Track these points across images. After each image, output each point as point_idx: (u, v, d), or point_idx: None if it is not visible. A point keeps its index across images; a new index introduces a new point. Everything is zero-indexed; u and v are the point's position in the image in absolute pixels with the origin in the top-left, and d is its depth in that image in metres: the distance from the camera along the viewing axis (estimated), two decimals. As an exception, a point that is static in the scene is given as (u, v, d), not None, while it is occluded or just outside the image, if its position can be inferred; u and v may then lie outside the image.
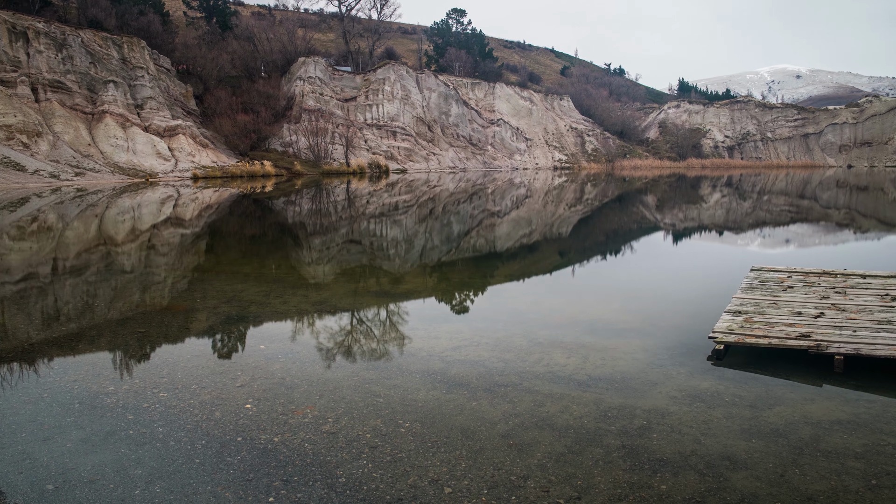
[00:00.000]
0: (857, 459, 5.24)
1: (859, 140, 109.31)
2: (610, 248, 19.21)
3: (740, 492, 4.72)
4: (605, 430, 5.73)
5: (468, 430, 5.74)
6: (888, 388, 6.86)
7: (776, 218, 28.56)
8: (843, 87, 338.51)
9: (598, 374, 7.22)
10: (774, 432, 5.74)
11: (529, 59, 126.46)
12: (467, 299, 11.84)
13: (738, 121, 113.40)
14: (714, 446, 5.45)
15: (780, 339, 7.60)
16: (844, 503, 4.58)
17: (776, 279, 10.59)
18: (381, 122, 72.48)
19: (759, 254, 17.65)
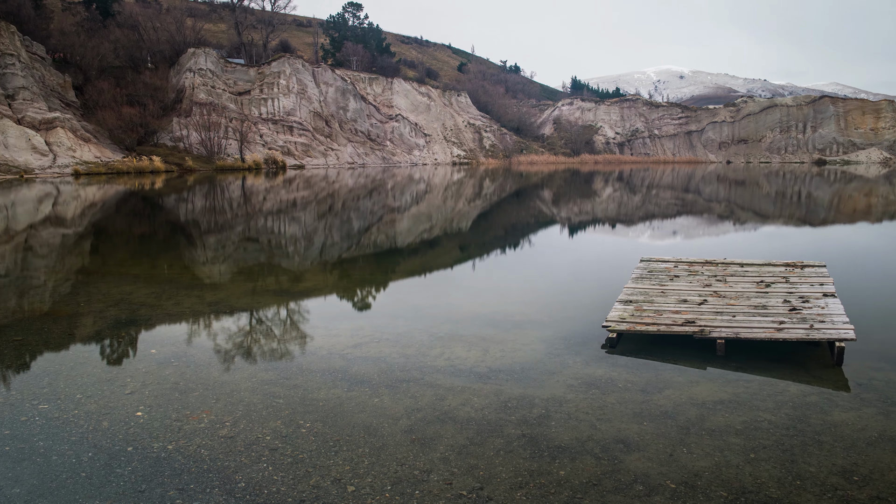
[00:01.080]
0: (737, 436, 5.60)
1: (737, 138, 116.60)
2: (509, 242, 19.62)
3: (633, 473, 4.94)
4: (505, 421, 5.86)
5: (370, 427, 5.72)
6: (764, 368, 7.36)
7: (664, 211, 30.04)
8: (721, 88, 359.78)
9: (498, 366, 7.37)
10: (664, 414, 6.04)
11: (427, 55, 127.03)
12: (368, 296, 11.79)
13: (627, 118, 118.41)
14: (609, 431, 5.68)
15: (667, 325, 8.02)
16: (727, 477, 4.89)
17: (664, 269, 11.15)
18: (277, 117, 70.77)
19: (648, 245, 18.51)
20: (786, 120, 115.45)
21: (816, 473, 4.96)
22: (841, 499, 4.61)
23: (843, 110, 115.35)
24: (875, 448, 5.40)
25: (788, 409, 6.18)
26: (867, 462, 5.15)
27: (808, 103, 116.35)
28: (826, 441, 5.51)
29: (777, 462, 5.13)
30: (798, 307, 8.63)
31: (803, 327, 7.80)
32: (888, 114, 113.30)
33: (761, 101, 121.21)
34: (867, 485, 4.81)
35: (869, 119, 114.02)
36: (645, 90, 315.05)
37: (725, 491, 4.70)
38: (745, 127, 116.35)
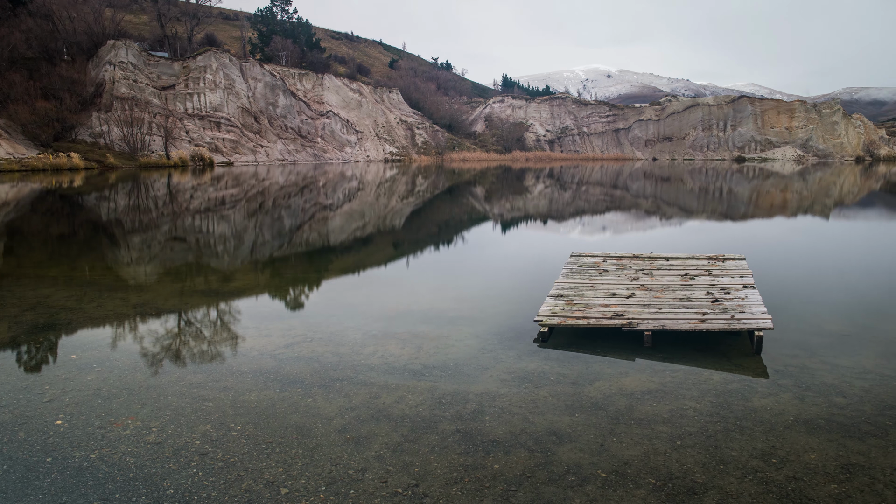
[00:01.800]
0: (664, 424, 5.78)
1: (662, 135, 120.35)
2: (442, 239, 19.69)
3: (566, 464, 5.04)
4: (439, 417, 5.88)
5: (304, 427, 5.64)
6: (689, 357, 7.63)
7: (593, 207, 30.72)
8: (647, 87, 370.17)
9: (431, 363, 7.39)
10: (595, 406, 6.18)
11: (358, 51, 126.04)
12: (301, 295, 11.62)
13: (557, 116, 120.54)
14: (542, 423, 5.77)
15: (597, 319, 8.21)
16: (655, 464, 5.04)
17: (593, 264, 11.40)
18: (204, 113, 68.83)
19: (578, 240, 18.89)
20: (707, 119, 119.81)
21: (738, 457, 5.17)
22: (761, 480, 4.82)
23: (759, 110, 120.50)
24: (791, 431, 5.66)
25: (712, 397, 6.42)
26: (784, 444, 5.40)
27: (728, 103, 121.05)
28: (747, 426, 5.74)
29: (702, 448, 5.32)
30: (720, 299, 8.97)
31: (725, 318, 8.12)
32: (801, 114, 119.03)
33: (685, 101, 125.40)
34: (784, 466, 5.04)
35: (784, 118, 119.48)
36: (574, 88, 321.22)
37: (654, 478, 4.84)
38: (670, 125, 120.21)
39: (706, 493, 4.64)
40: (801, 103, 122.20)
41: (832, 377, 7.02)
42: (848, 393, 6.57)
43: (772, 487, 4.73)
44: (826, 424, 5.80)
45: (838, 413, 6.06)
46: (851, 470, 4.99)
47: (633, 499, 4.57)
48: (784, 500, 4.57)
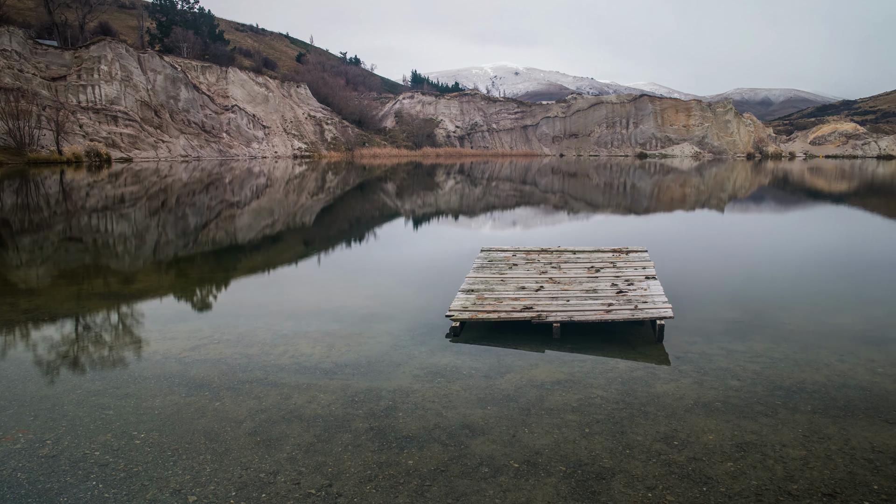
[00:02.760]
0: (573, 413, 5.94)
1: (568, 132, 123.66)
2: (354, 236, 19.51)
3: (479, 456, 5.10)
4: (353, 415, 5.83)
5: (212, 432, 5.46)
6: (596, 347, 7.88)
7: (503, 202, 31.21)
8: (553, 85, 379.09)
9: (344, 361, 7.31)
10: (506, 398, 6.29)
11: (264, 44, 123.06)
12: (208, 296, 11.25)
13: (467, 112, 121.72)
14: (455, 417, 5.82)
15: (507, 312, 8.35)
16: (565, 452, 5.18)
17: (503, 258, 11.58)
18: (100, 106, 65.41)
19: (489, 235, 19.15)
20: (611, 116, 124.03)
21: (643, 441, 5.38)
22: (664, 462, 5.03)
23: (659, 108, 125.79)
24: (691, 414, 5.94)
25: (618, 385, 6.65)
26: (685, 427, 5.66)
27: (630, 101, 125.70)
28: (651, 411, 5.99)
29: (609, 434, 5.50)
30: (624, 290, 9.31)
31: (629, 308, 8.43)
32: (697, 112, 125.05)
33: (589, 98, 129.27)
34: (685, 447, 5.28)
35: (682, 117, 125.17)
36: (483, 85, 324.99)
37: (564, 465, 4.97)
38: (576, 122, 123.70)
39: (613, 478, 4.81)
40: (697, 102, 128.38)
41: (727, 362, 7.42)
42: (742, 376, 6.96)
43: (674, 469, 4.95)
44: (722, 406, 6.12)
45: (733, 395, 6.41)
46: (745, 448, 5.29)
47: (545, 487, 4.68)
48: (685, 479, 4.79)
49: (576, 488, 4.67)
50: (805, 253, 16.27)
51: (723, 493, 4.63)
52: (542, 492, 4.62)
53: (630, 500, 4.53)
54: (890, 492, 4.69)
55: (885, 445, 5.39)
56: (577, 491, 4.64)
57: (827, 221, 25.38)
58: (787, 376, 6.98)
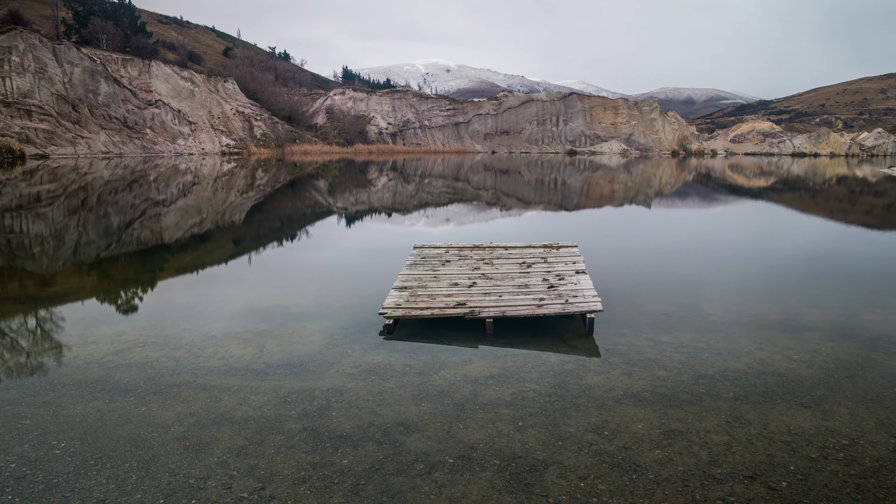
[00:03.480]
0: (507, 407, 6.01)
1: (500, 129, 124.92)
2: (285, 234, 19.20)
3: (414, 453, 5.10)
4: (285, 416, 5.74)
5: (138, 438, 5.28)
6: (529, 342, 7.99)
7: (436, 199, 31.28)
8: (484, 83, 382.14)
9: (275, 361, 7.19)
10: (441, 394, 6.31)
11: (189, 38, 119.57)
12: (133, 297, 10.86)
13: (399, 109, 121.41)
14: (389, 415, 5.80)
15: (441, 309, 8.37)
16: (499, 446, 5.24)
17: (436, 255, 11.61)
18: (11, 99, 62.16)
19: (422, 232, 19.16)
20: (542, 114, 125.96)
21: (575, 433, 5.49)
22: (595, 452, 5.15)
23: (588, 106, 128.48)
24: (621, 404, 6.10)
25: (550, 378, 6.77)
26: (615, 417, 5.81)
27: (560, 99, 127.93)
28: (582, 403, 6.11)
29: (542, 427, 5.59)
30: (555, 284, 9.47)
31: (560, 302, 8.58)
32: (624, 111, 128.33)
33: (520, 96, 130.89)
34: (615, 437, 5.42)
35: (609, 115, 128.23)
36: (415, 82, 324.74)
37: (498, 459, 5.03)
38: (507, 119, 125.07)
39: (546, 469, 4.89)
40: (624, 101, 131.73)
41: (655, 353, 7.64)
42: (668, 366, 7.18)
43: (605, 458, 5.07)
44: (650, 396, 6.31)
45: (660, 385, 6.61)
46: (672, 436, 5.47)
47: (480, 481, 4.72)
48: (615, 468, 4.92)
49: (510, 481, 4.73)
50: (726, 246, 16.93)
51: (651, 480, 4.77)
52: (477, 486, 4.65)
53: (563, 490, 4.62)
54: (805, 471, 4.93)
55: (800, 428, 5.66)
56: (512, 483, 4.69)
57: (746, 216, 26.47)
58: (710, 365, 7.25)
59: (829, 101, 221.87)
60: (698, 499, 4.55)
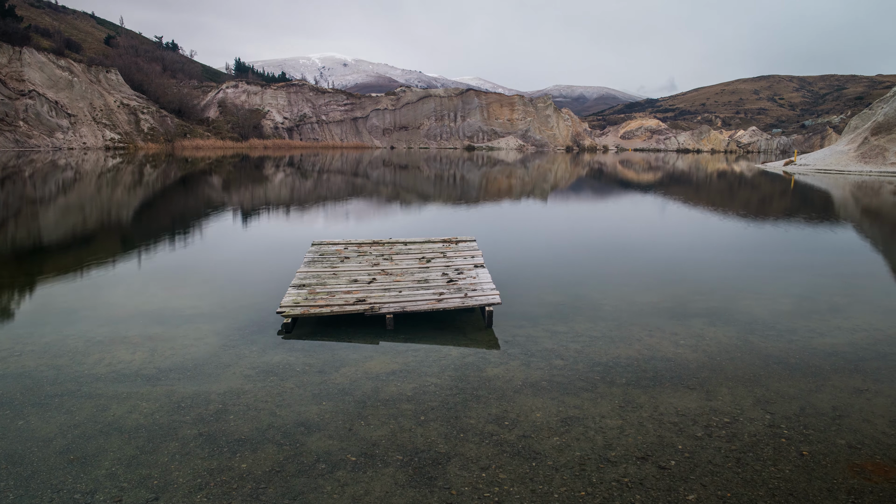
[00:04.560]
0: (408, 402, 6.03)
1: (398, 125, 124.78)
2: (177, 233, 18.42)
3: (316, 453, 5.03)
4: (179, 422, 5.52)
5: (15, 454, 4.93)
6: (429, 336, 8.04)
7: (335, 195, 30.88)
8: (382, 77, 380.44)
9: (168, 366, 6.90)
10: (342, 392, 6.24)
11: (66, 24, 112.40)
12: (9, 303, 10.10)
13: (295, 103, 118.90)
14: (289, 416, 5.69)
15: (340, 306, 8.28)
16: (401, 441, 5.24)
17: (335, 251, 11.47)
18: None
19: (321, 229, 18.88)
20: (440, 109, 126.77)
21: (476, 424, 5.57)
22: (496, 442, 5.25)
23: (485, 102, 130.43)
24: (520, 394, 6.25)
25: (451, 371, 6.84)
26: (515, 407, 5.94)
27: (457, 95, 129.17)
28: (482, 395, 6.22)
29: (444, 420, 5.65)
30: (454, 279, 9.57)
31: (459, 297, 8.69)
32: (520, 107, 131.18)
33: (418, 91, 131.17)
34: (515, 426, 5.55)
35: (506, 111, 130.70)
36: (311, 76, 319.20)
37: (401, 454, 5.03)
38: (406, 115, 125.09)
39: (449, 462, 4.94)
40: (519, 97, 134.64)
41: (552, 343, 7.88)
42: (565, 355, 7.42)
43: (505, 448, 5.18)
44: (548, 385, 6.49)
45: (558, 374, 6.82)
46: (569, 422, 5.65)
47: (382, 477, 4.71)
48: (516, 457, 5.03)
49: (413, 476, 4.75)
50: (618, 238, 17.65)
51: (550, 466, 4.91)
52: (380, 483, 4.64)
53: (465, 481, 4.68)
54: (692, 450, 5.22)
55: (686, 409, 5.99)
56: (415, 478, 4.72)
57: (636, 209, 27.68)
58: (604, 353, 7.55)
59: (709, 101, 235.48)
60: (594, 481, 4.73)
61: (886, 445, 5.40)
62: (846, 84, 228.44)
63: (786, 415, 5.94)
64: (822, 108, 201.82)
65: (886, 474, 4.93)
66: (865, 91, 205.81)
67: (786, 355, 7.63)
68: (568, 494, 4.57)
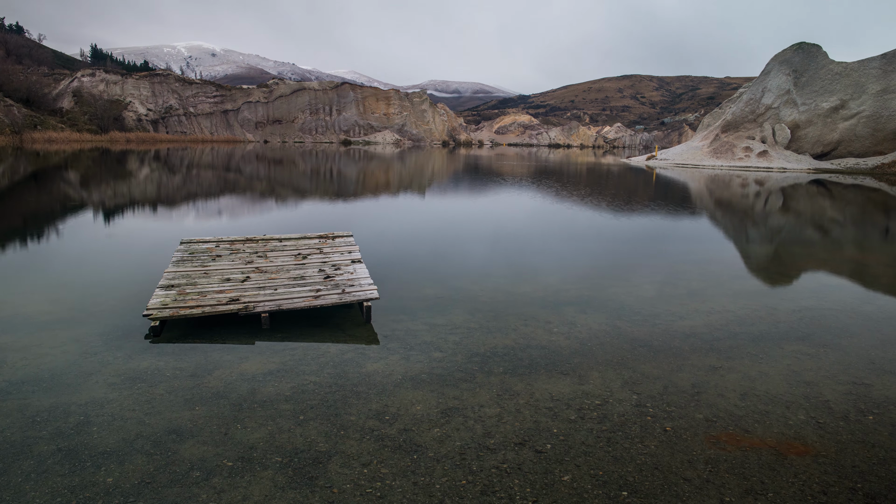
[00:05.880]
0: (287, 402, 5.90)
1: (272, 118, 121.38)
2: (30, 234, 17.00)
3: (189, 461, 4.82)
4: (35, 438, 5.12)
5: None
6: (307, 334, 7.90)
7: (206, 191, 29.63)
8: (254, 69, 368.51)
9: (20, 378, 6.37)
10: (216, 395, 6.02)
11: None
12: None
13: (159, 94, 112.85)
14: (159, 424, 5.42)
15: (212, 306, 7.97)
16: (280, 443, 5.13)
17: (206, 250, 11.01)
18: None
19: (192, 227, 18.06)
20: (314, 103, 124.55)
21: (356, 421, 5.54)
22: (377, 437, 5.25)
23: (361, 96, 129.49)
24: (400, 388, 6.27)
25: (330, 369, 6.76)
26: (395, 402, 5.96)
27: (333, 88, 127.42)
28: (362, 391, 6.19)
29: (324, 419, 5.57)
30: (331, 275, 9.46)
31: (337, 293, 8.59)
32: (396, 102, 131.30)
33: (292, 84, 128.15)
34: (396, 421, 5.56)
35: (382, 105, 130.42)
36: (177, 66, 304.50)
37: (280, 456, 4.92)
38: (279, 108, 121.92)
39: (330, 460, 4.89)
40: (395, 92, 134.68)
41: (431, 336, 7.96)
42: (444, 347, 7.52)
43: (386, 442, 5.18)
44: (428, 378, 6.56)
45: (437, 366, 6.90)
46: (449, 413, 5.74)
47: (261, 481, 4.59)
48: (397, 451, 5.05)
49: (293, 477, 4.66)
50: (494, 230, 18.07)
51: (431, 458, 4.97)
52: (258, 486, 4.52)
53: (347, 479, 4.65)
54: (566, 432, 5.45)
55: (560, 394, 6.24)
56: (295, 479, 4.63)
57: (512, 202, 28.46)
58: (482, 343, 7.72)
59: (577, 98, 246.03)
60: (475, 469, 4.83)
61: (738, 417, 5.87)
62: (699, 85, 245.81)
63: (651, 394, 6.32)
64: (679, 107, 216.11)
65: (738, 443, 5.37)
66: (716, 91, 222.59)
67: (650, 338, 8.12)
68: (449, 484, 4.64)
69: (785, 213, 24.38)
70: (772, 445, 5.36)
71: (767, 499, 4.59)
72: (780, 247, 16.42)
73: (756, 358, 7.50)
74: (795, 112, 58.31)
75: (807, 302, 10.27)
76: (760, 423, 5.77)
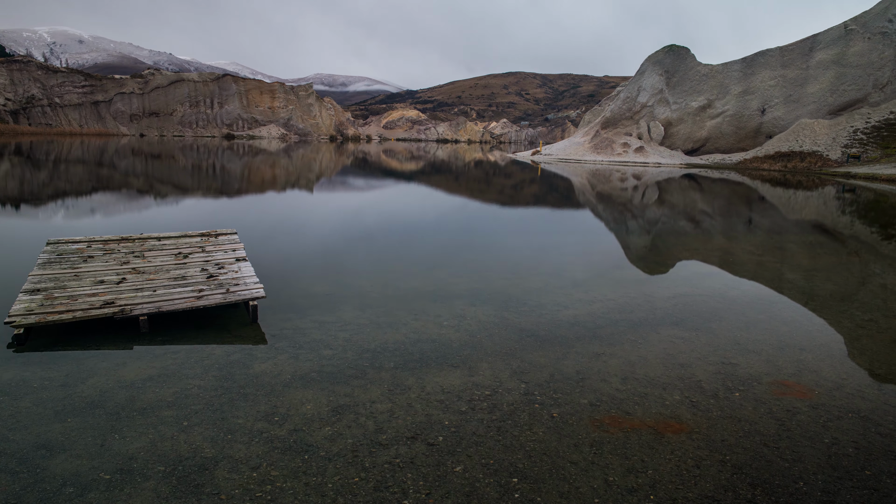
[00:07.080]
0: (169, 408, 5.64)
1: (148, 110, 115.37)
2: None
3: (61, 477, 4.52)
4: None
5: None
6: (190, 336, 7.58)
7: (76, 188, 27.77)
8: (127, 58, 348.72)
9: None
10: (91, 405, 5.67)
11: None
12: None
13: (20, 83, 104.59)
14: (26, 439, 5.05)
15: (84, 311, 7.48)
16: (163, 451, 4.90)
17: (76, 250, 10.33)
18: None
19: (60, 226, 16.88)
20: (194, 95, 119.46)
21: (244, 424, 5.38)
22: (266, 440, 5.12)
23: (244, 89, 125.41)
24: (290, 388, 6.14)
25: (215, 371, 6.52)
26: (284, 402, 5.83)
27: (214, 80, 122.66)
28: (250, 392, 6.01)
29: (209, 423, 5.37)
30: (215, 274, 9.12)
31: (221, 292, 8.30)
32: (281, 95, 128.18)
33: (169, 75, 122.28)
34: (286, 421, 5.45)
35: (267, 98, 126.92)
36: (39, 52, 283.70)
37: (163, 465, 4.71)
38: (156, 100, 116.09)
39: (217, 466, 4.72)
40: (280, 85, 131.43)
41: (321, 333, 7.84)
42: (333, 345, 7.43)
43: (276, 444, 5.07)
44: (318, 376, 6.46)
45: (327, 364, 6.81)
46: (340, 411, 5.68)
47: (143, 492, 4.37)
48: (287, 452, 4.95)
49: (177, 486, 4.46)
50: (384, 226, 18.03)
51: (323, 457, 4.90)
52: (139, 498, 4.30)
53: (235, 484, 4.51)
54: (457, 424, 5.52)
55: (451, 386, 6.32)
56: (179, 488, 4.44)
57: (399, 197, 28.48)
58: (372, 339, 7.68)
59: (464, 94, 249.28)
60: (367, 466, 4.81)
61: (619, 400, 6.16)
62: (580, 83, 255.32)
63: (538, 382, 6.52)
64: (561, 104, 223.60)
65: (620, 425, 5.63)
66: (596, 90, 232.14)
67: (537, 328, 8.37)
68: (342, 483, 4.60)
69: (660, 206, 25.79)
70: (650, 425, 5.66)
71: (648, 476, 4.85)
72: (657, 238, 17.35)
73: (635, 343, 7.89)
74: (668, 110, 61.84)
75: (681, 289, 10.92)
76: (640, 404, 6.08)
